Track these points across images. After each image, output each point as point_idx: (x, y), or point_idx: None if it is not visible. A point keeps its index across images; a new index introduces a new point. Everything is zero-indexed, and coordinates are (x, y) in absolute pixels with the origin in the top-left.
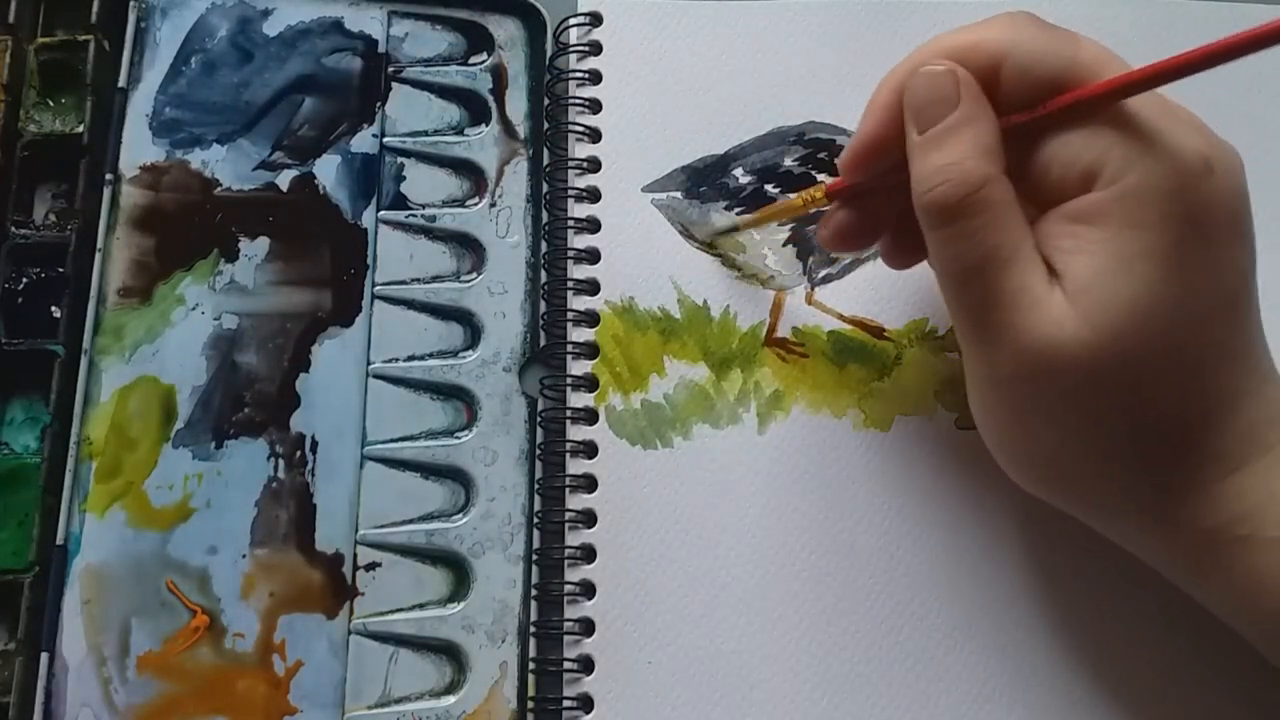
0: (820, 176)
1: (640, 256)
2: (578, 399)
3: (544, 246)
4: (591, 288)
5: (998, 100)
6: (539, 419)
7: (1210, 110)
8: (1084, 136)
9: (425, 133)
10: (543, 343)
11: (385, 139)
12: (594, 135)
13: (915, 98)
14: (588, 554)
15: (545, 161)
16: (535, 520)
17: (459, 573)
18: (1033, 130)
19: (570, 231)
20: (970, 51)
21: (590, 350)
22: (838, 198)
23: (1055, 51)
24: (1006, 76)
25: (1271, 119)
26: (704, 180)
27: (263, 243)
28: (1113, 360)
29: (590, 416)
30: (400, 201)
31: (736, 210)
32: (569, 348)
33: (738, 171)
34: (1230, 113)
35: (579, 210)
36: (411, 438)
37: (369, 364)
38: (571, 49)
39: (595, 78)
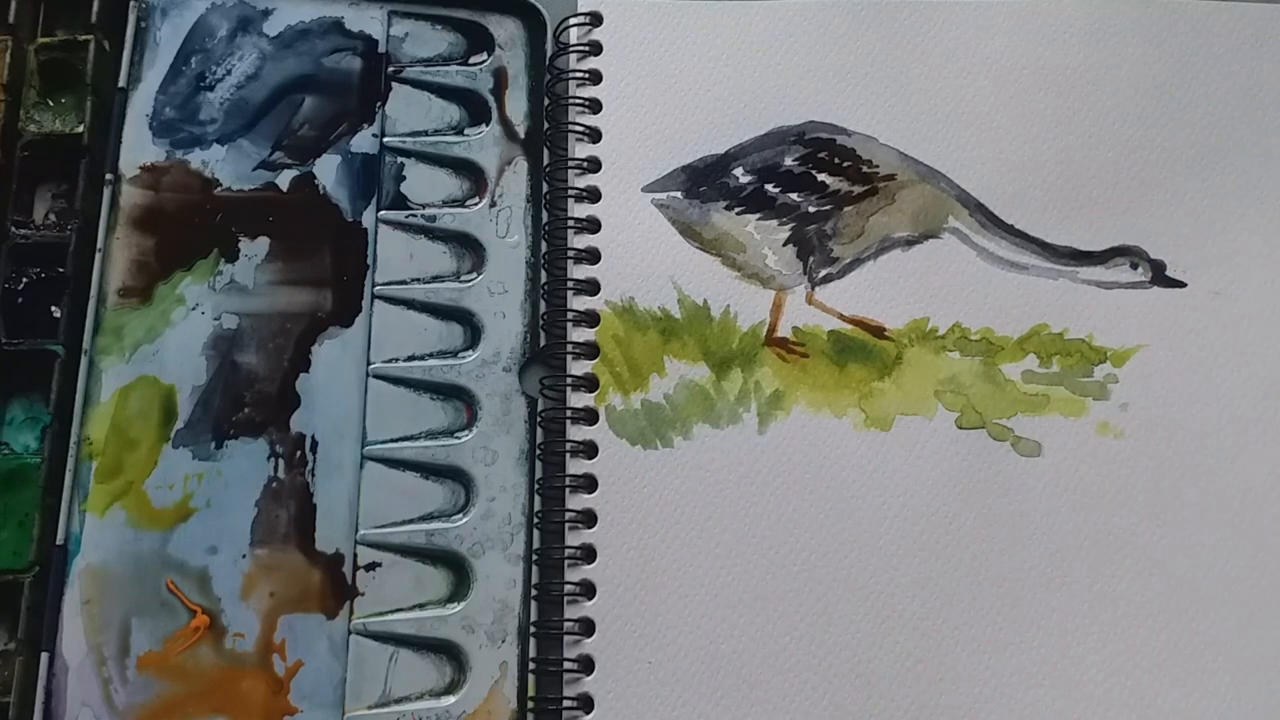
0: (821, 176)
1: (640, 256)
2: (578, 399)
3: (544, 246)
4: (591, 288)
5: None
6: (539, 419)
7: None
8: None
9: (425, 133)
10: (543, 343)
11: (385, 139)
12: (594, 135)
13: None
14: (588, 554)
15: (545, 161)
16: (535, 520)
17: (459, 573)
18: None
19: (570, 231)
20: None
21: (590, 350)
22: None
23: None
24: None
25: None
26: (704, 180)
27: (263, 243)
28: None
29: (590, 416)
30: (400, 201)
31: (737, 210)
32: (569, 348)
33: (738, 171)
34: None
35: (579, 210)
36: (411, 438)
37: (369, 364)
38: (571, 49)
39: (595, 78)
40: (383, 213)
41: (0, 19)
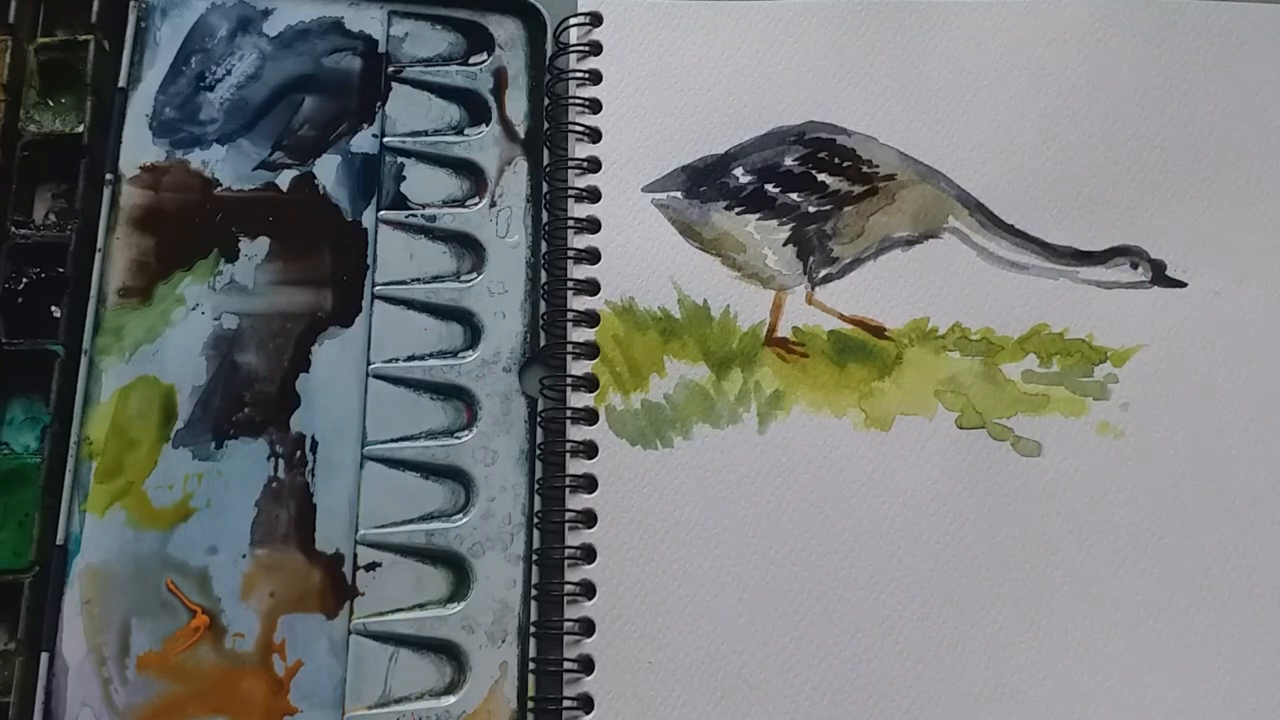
0: (821, 176)
1: (640, 256)
2: (578, 399)
3: (544, 246)
4: (591, 288)
5: None
6: (539, 419)
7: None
8: None
9: (425, 133)
10: (543, 343)
11: (385, 139)
12: (594, 135)
13: None
14: (588, 554)
15: (545, 161)
16: (535, 520)
17: (459, 573)
18: None
19: (570, 231)
20: None
21: (590, 350)
22: None
23: None
24: None
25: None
26: (704, 180)
27: (263, 243)
28: None
29: (590, 416)
30: (400, 201)
31: (737, 210)
32: (569, 348)
33: (738, 171)
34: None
35: (579, 210)
36: (411, 438)
37: (369, 364)
38: (571, 49)
39: (595, 78)
40: (383, 213)
41: (0, 19)
